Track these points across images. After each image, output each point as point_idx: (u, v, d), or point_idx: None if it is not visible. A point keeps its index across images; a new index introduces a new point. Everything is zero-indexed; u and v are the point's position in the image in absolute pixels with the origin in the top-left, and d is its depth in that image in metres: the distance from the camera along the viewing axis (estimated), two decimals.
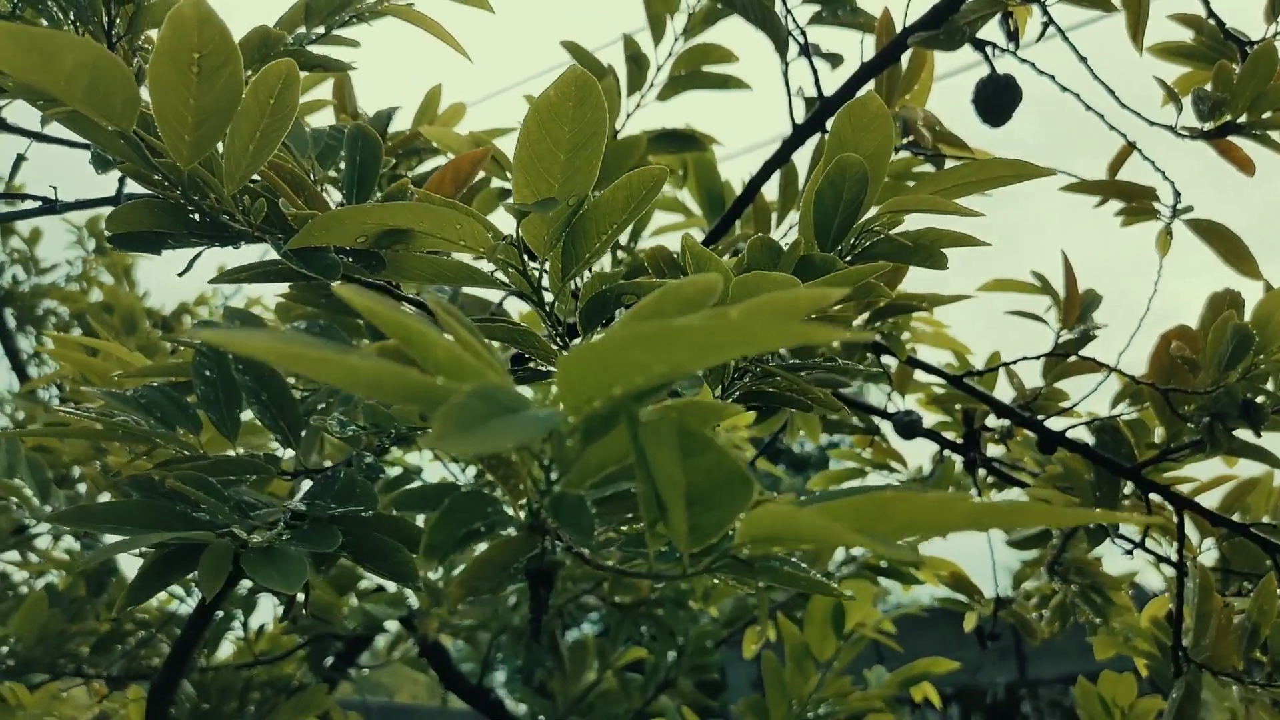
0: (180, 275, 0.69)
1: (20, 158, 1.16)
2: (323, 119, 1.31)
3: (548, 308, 0.76)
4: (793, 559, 0.55)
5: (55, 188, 1.01)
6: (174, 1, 0.88)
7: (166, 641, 2.42)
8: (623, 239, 1.69)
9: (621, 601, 2.25)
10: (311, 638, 2.38)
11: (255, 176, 0.76)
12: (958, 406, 1.69)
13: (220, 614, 2.36)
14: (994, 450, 1.89)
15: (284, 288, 1.14)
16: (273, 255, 0.76)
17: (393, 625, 2.53)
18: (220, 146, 0.67)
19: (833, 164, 0.78)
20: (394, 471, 1.28)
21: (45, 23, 0.88)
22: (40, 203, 1.04)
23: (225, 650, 2.75)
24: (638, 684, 2.33)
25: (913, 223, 0.90)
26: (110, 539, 0.76)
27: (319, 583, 2.18)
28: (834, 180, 0.79)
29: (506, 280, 0.74)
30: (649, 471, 0.43)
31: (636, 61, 1.56)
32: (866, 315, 1.27)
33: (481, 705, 2.29)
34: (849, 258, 0.87)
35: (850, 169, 0.77)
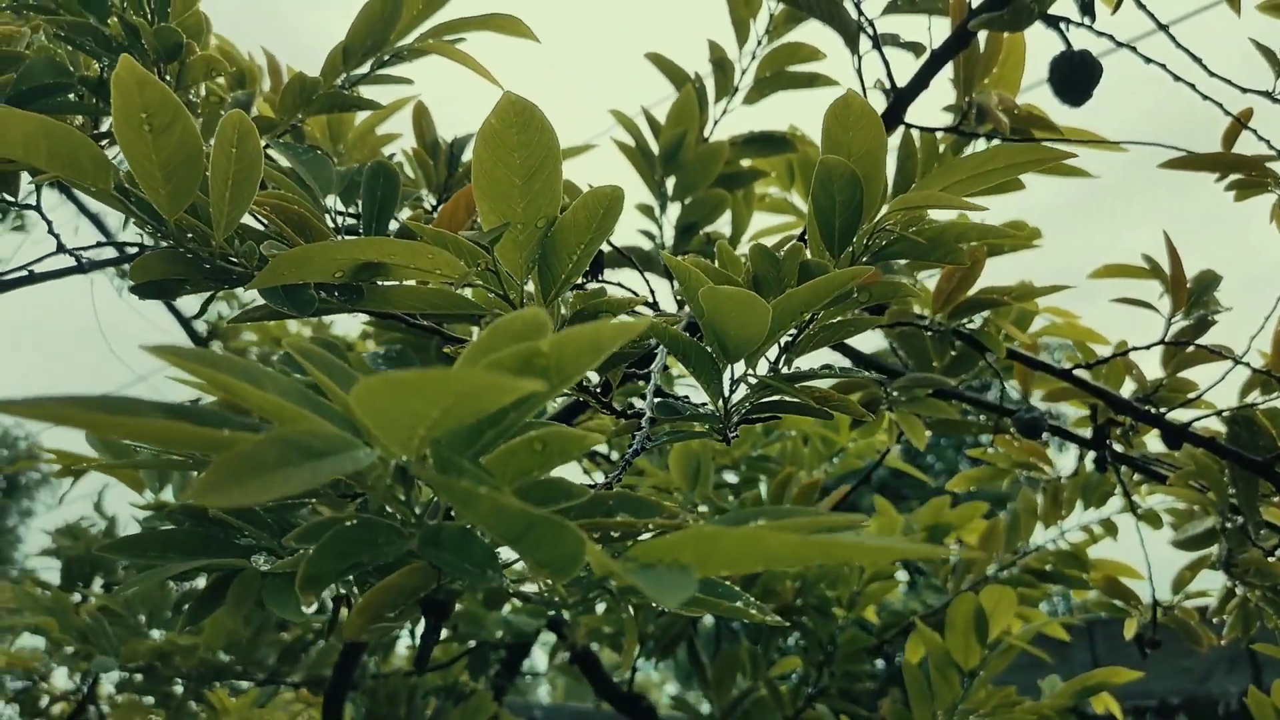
0: (195, 319, 0.73)
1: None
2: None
3: None
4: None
5: (141, 234, 1.09)
6: (213, 60, 0.95)
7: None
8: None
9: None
10: (472, 646, 2.48)
11: (262, 219, 0.80)
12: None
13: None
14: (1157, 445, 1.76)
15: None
16: None
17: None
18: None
19: (818, 167, 0.75)
20: None
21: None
22: (137, 249, 1.13)
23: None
24: (788, 693, 2.30)
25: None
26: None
27: (468, 597, 2.26)
28: (823, 183, 0.76)
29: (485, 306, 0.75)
30: None
31: (721, 67, 1.55)
32: (948, 311, 1.21)
33: (633, 711, 2.32)
34: (865, 259, 0.84)
35: (835, 170, 0.75)
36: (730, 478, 2.36)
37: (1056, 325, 1.66)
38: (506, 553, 0.56)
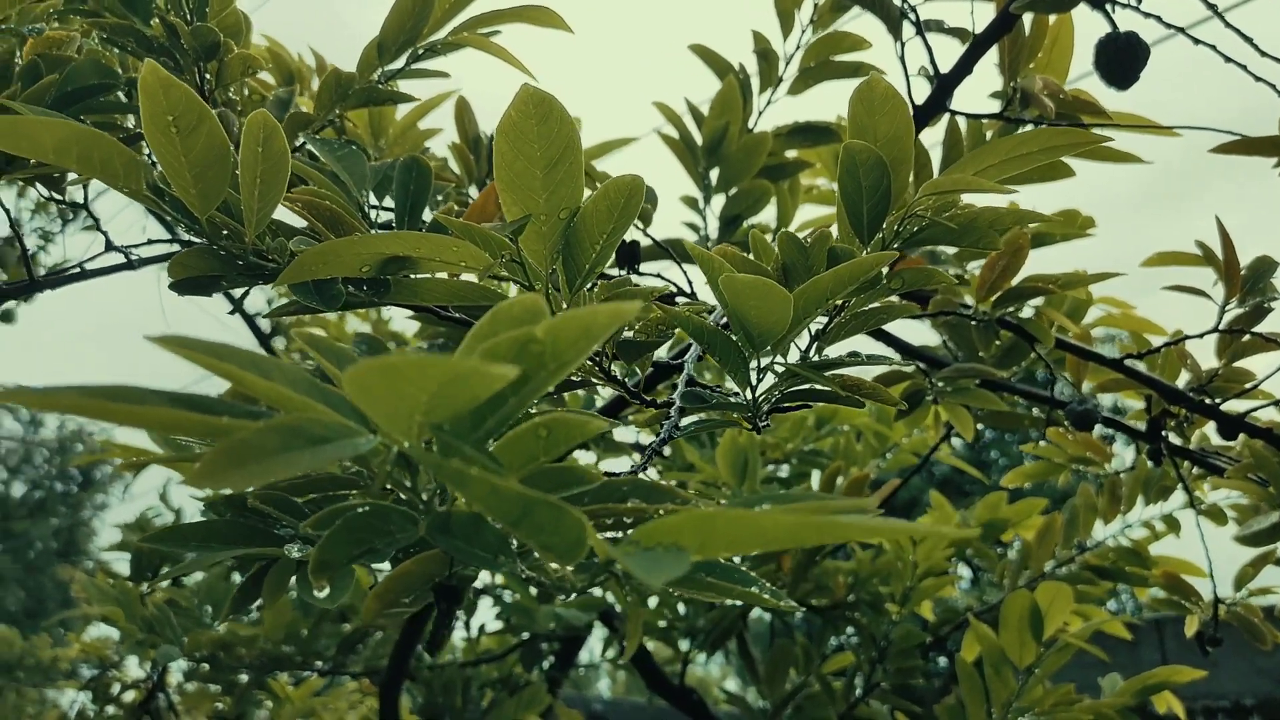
0: (246, 315, 0.75)
1: None
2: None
3: None
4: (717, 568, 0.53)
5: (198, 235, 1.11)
6: (250, 58, 0.96)
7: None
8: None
9: (818, 604, 2.21)
10: (525, 638, 2.50)
11: (296, 216, 0.82)
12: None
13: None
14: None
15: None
16: None
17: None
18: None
19: (842, 152, 0.74)
20: None
21: None
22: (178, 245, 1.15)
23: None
24: (841, 689, 2.28)
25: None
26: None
27: (519, 588, 2.28)
28: (848, 168, 0.75)
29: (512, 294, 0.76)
30: None
31: (766, 57, 1.54)
32: (991, 300, 1.19)
33: (683, 705, 2.32)
34: (896, 245, 0.83)
35: (860, 156, 0.74)
36: (782, 473, 2.35)
37: (1112, 315, 1.63)
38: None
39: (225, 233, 0.78)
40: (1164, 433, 1.42)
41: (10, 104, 0.83)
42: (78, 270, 1.11)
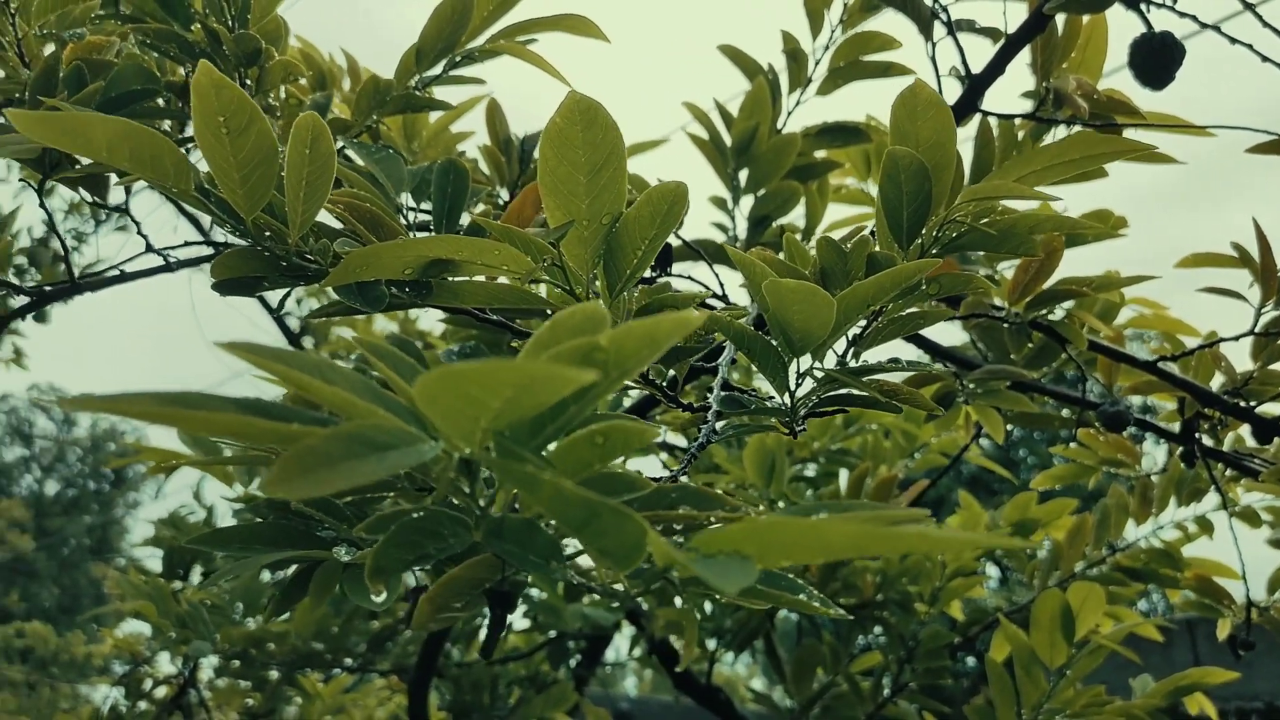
0: (276, 314, 0.76)
1: None
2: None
3: None
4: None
5: (226, 234, 1.12)
6: (291, 65, 0.97)
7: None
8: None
9: (846, 604, 2.21)
10: (552, 636, 2.51)
11: (335, 219, 0.83)
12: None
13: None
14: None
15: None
16: None
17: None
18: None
19: (885, 158, 0.74)
20: None
21: None
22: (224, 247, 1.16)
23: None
24: (869, 689, 2.28)
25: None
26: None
27: (548, 587, 2.29)
28: (890, 175, 0.75)
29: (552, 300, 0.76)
30: None
31: (795, 57, 1.54)
32: (1024, 302, 1.18)
33: (711, 704, 2.32)
34: (935, 251, 0.83)
35: (902, 162, 0.74)
36: (809, 472, 2.35)
37: (1145, 316, 1.62)
38: (572, 544, 0.57)
39: (268, 234, 0.79)
40: (1197, 435, 1.41)
41: (60, 103, 0.84)
42: (118, 273, 1.13)
